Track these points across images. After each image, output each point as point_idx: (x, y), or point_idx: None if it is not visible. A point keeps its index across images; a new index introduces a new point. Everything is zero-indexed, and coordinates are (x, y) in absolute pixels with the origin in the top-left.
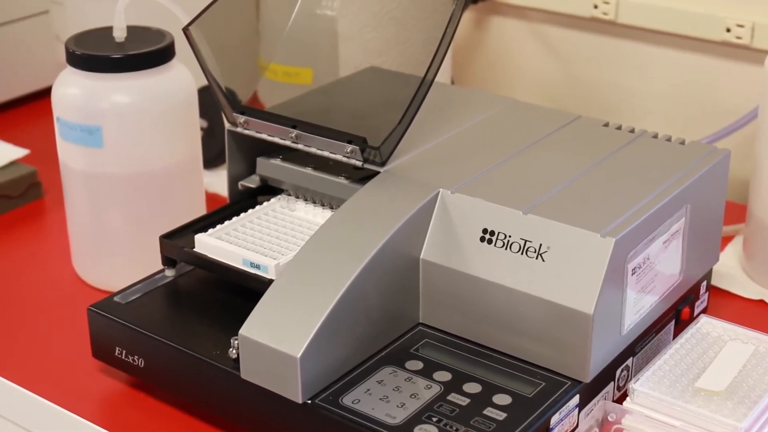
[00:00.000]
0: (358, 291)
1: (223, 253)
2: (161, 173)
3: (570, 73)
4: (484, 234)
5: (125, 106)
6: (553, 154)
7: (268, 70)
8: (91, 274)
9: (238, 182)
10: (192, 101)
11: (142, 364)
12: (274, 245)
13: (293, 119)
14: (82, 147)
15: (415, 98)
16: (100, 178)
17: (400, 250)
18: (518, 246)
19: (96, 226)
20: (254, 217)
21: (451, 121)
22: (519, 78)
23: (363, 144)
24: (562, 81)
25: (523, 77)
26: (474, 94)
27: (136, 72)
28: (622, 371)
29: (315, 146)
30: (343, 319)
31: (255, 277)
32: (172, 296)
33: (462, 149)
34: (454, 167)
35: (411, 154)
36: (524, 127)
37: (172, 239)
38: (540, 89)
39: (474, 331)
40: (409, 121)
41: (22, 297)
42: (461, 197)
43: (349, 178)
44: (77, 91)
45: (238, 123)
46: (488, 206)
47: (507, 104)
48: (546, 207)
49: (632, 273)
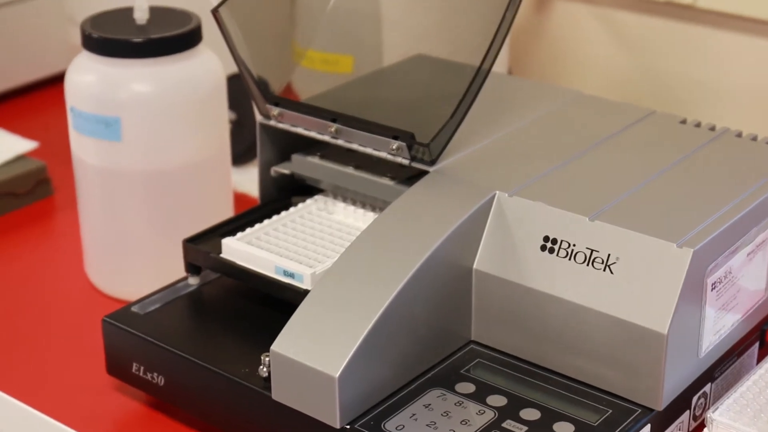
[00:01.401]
0: (404, 304)
1: (253, 260)
2: (185, 170)
3: (642, 63)
4: (546, 242)
5: (146, 96)
6: (624, 154)
7: (304, 58)
8: (106, 282)
9: (269, 179)
10: (220, 91)
11: (161, 382)
12: (310, 252)
13: (332, 112)
14: (98, 140)
15: (469, 90)
16: (117, 174)
17: (450, 259)
18: (583, 256)
19: (112, 228)
20: (288, 220)
21: (509, 115)
22: (585, 68)
23: (410, 140)
24: (634, 72)
25: (589, 67)
26: (534, 86)
27: (158, 58)
28: (699, 399)
29: (357, 142)
30: (386, 335)
31: (289, 287)
32: (196, 307)
33: (521, 147)
34: (511, 167)
35: (464, 152)
36: (591, 123)
37: (196, 244)
38: (608, 81)
39: (532, 351)
40: (462, 116)
41: (29, 306)
42: (520, 201)
43: (394, 178)
44: (93, 79)
45: (271, 115)
46: (550, 211)
47: (571, 97)
48: (615, 213)
49: (712, 288)
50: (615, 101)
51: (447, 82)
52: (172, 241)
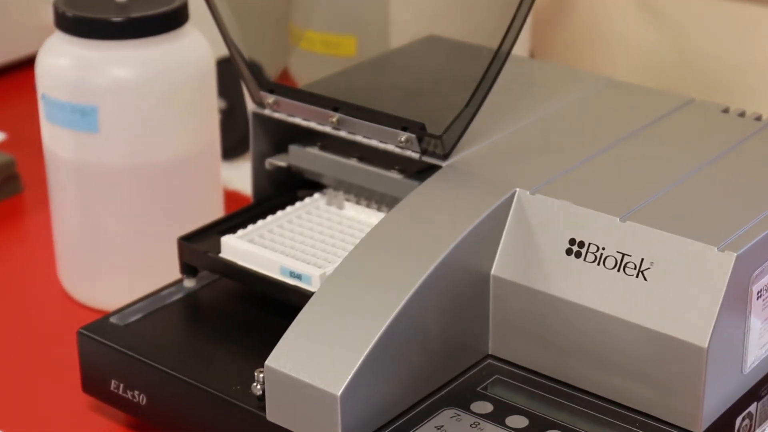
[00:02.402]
0: (414, 314)
1: (256, 260)
2: (170, 165)
3: (681, 45)
4: (572, 245)
5: (127, 82)
6: (659, 148)
7: (303, 39)
8: (82, 290)
9: (263, 174)
10: (209, 76)
11: (143, 401)
12: (319, 251)
13: (334, 100)
14: (73, 132)
15: (486, 75)
16: (94, 170)
17: (466, 263)
18: (614, 261)
19: (88, 229)
20: (294, 216)
21: (531, 104)
22: (616, 51)
23: (421, 131)
24: (671, 55)
25: (621, 50)
26: (559, 71)
27: (140, 39)
28: (744, 420)
29: (361, 134)
30: (394, 348)
31: (295, 290)
32: (184, 316)
33: (544, 140)
34: (534, 162)
35: (480, 144)
36: (622, 112)
37: (192, 242)
38: (642, 65)
39: (556, 366)
40: (479, 104)
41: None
42: (543, 199)
43: (402, 172)
44: (68, 63)
45: (265, 104)
46: (577, 211)
47: (600, 84)
48: (649, 213)
49: (757, 297)
50: (649, 88)
51: (461, 66)
52: (155, 244)
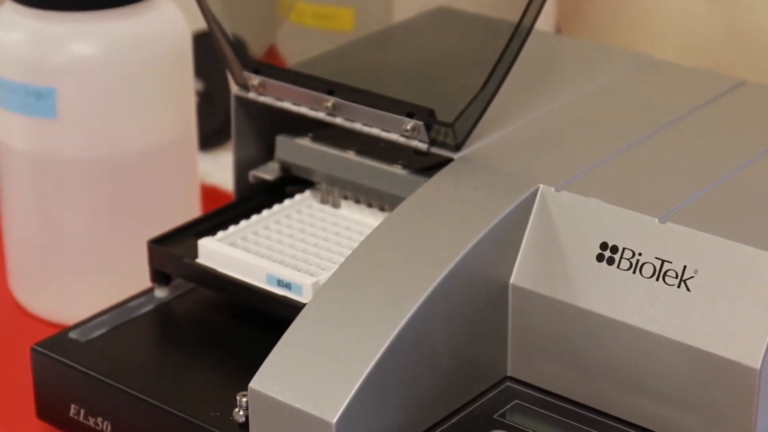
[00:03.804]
0: (422, 329)
1: (238, 266)
2: (138, 157)
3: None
4: (603, 250)
5: (89, 60)
6: (705, 137)
7: (293, 10)
8: (37, 300)
9: (247, 171)
10: (184, 54)
11: (108, 428)
12: (312, 256)
13: (329, 81)
14: (27, 117)
15: (504, 53)
16: (52, 162)
17: (481, 271)
18: (652, 268)
19: (45, 230)
20: (282, 216)
21: (557, 86)
22: (656, 25)
23: (429, 118)
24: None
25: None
26: (589, 49)
27: (105, 11)
28: None
29: (360, 121)
30: (398, 368)
31: (284, 302)
32: (154, 331)
33: (572, 128)
34: (560, 154)
35: (498, 133)
36: (662, 96)
37: (165, 245)
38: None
39: (585, 390)
40: (496, 87)
41: None
42: (570, 197)
43: (408, 166)
44: (21, 37)
45: (249, 85)
46: (610, 211)
47: (637, 63)
48: (692, 213)
49: None
50: (694, 68)
51: (476, 42)
52: (122, 248)
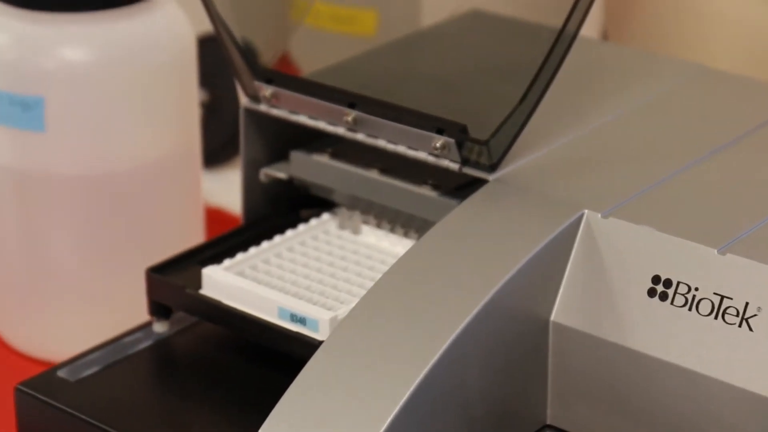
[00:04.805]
0: (452, 371)
1: (247, 298)
2: (136, 175)
3: None
4: (655, 284)
5: (81, 67)
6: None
7: (309, 13)
8: (22, 334)
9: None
10: (187, 60)
11: None
12: (329, 288)
13: (349, 93)
14: (12, 130)
15: (546, 63)
16: (39, 180)
17: (519, 306)
18: (709, 305)
19: (30, 256)
20: (296, 243)
21: (603, 100)
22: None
23: (462, 135)
24: None
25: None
26: (639, 57)
27: (99, 12)
28: None
29: (384, 137)
30: (426, 415)
31: (298, 339)
32: (152, 370)
33: (620, 147)
34: (606, 176)
35: (537, 152)
36: (721, 111)
37: (164, 274)
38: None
39: None
40: (536, 101)
41: None
42: (618, 224)
43: (437, 187)
44: (5, 41)
45: (261, 96)
46: (662, 240)
47: (692, 73)
48: (756, 243)
49: None
50: (755, 79)
51: (514, 51)
52: (117, 277)
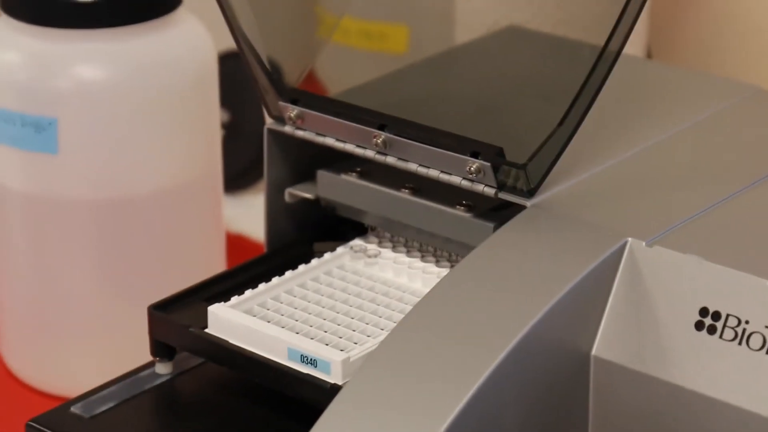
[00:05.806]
0: (487, 409)
1: (255, 338)
2: (154, 200)
3: None
4: (703, 317)
5: (96, 86)
6: None
7: (337, 30)
8: (33, 369)
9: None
10: (208, 79)
11: None
12: (342, 327)
13: (379, 113)
14: (25, 153)
15: (587, 83)
16: (52, 204)
17: (558, 339)
18: (761, 339)
19: (43, 285)
20: (308, 279)
21: (648, 122)
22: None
23: (498, 159)
24: None
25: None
26: (686, 77)
27: (116, 28)
28: None
29: (415, 160)
30: None
31: (308, 382)
32: (166, 408)
33: (665, 172)
34: (651, 203)
35: (578, 177)
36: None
37: (168, 312)
38: None
39: None
40: (577, 122)
41: None
42: (664, 253)
43: (472, 208)
44: (17, 59)
45: (286, 117)
46: (711, 270)
47: (744, 94)
48: None
49: None
50: None
51: (554, 70)
52: (131, 308)
